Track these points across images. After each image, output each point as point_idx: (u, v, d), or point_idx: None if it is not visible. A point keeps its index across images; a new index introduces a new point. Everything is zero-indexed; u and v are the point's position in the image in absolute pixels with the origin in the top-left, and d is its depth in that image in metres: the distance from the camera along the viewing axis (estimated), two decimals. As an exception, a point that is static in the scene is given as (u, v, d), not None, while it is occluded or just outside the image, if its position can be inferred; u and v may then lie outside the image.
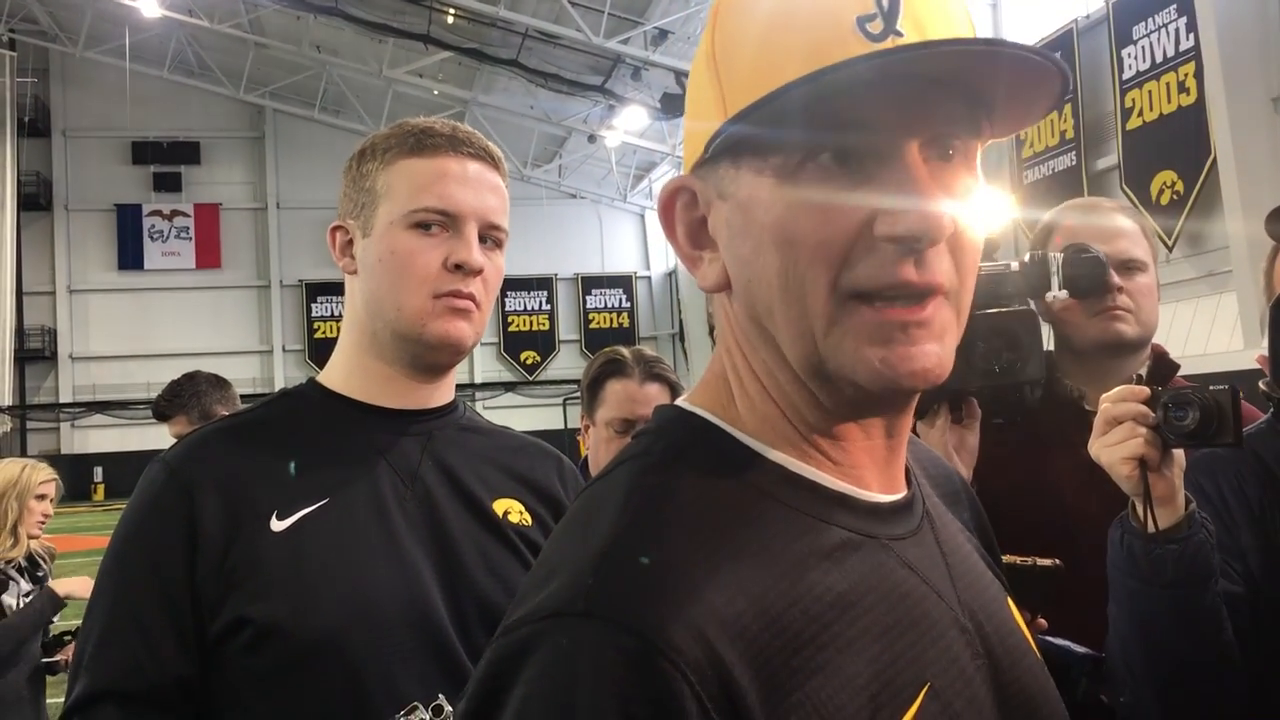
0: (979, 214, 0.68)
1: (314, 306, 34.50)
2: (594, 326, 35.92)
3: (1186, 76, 14.07)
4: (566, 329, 35.86)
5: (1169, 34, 14.39)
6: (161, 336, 32.69)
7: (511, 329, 35.15)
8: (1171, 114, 14.36)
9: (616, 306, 36.40)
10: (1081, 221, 1.79)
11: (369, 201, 1.26)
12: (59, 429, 32.53)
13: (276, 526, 1.16)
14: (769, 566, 0.63)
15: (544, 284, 35.29)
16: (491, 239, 1.28)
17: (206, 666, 1.14)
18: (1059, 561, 1.36)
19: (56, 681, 3.50)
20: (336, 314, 31.89)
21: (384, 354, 1.28)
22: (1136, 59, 14.98)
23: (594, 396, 2.17)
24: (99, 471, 30.83)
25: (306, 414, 1.30)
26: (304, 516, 1.18)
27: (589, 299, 36.27)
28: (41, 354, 32.79)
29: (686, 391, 0.78)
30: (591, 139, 29.05)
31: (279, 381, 31.92)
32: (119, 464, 29.17)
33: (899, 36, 0.63)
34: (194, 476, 1.18)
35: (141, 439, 26.47)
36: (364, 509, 1.22)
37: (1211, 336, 13.36)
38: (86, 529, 17.19)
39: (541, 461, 1.44)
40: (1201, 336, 13.50)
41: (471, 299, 1.25)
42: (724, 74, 0.67)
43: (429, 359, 1.28)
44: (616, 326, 35.69)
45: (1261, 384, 1.56)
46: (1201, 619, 1.27)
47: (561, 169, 34.18)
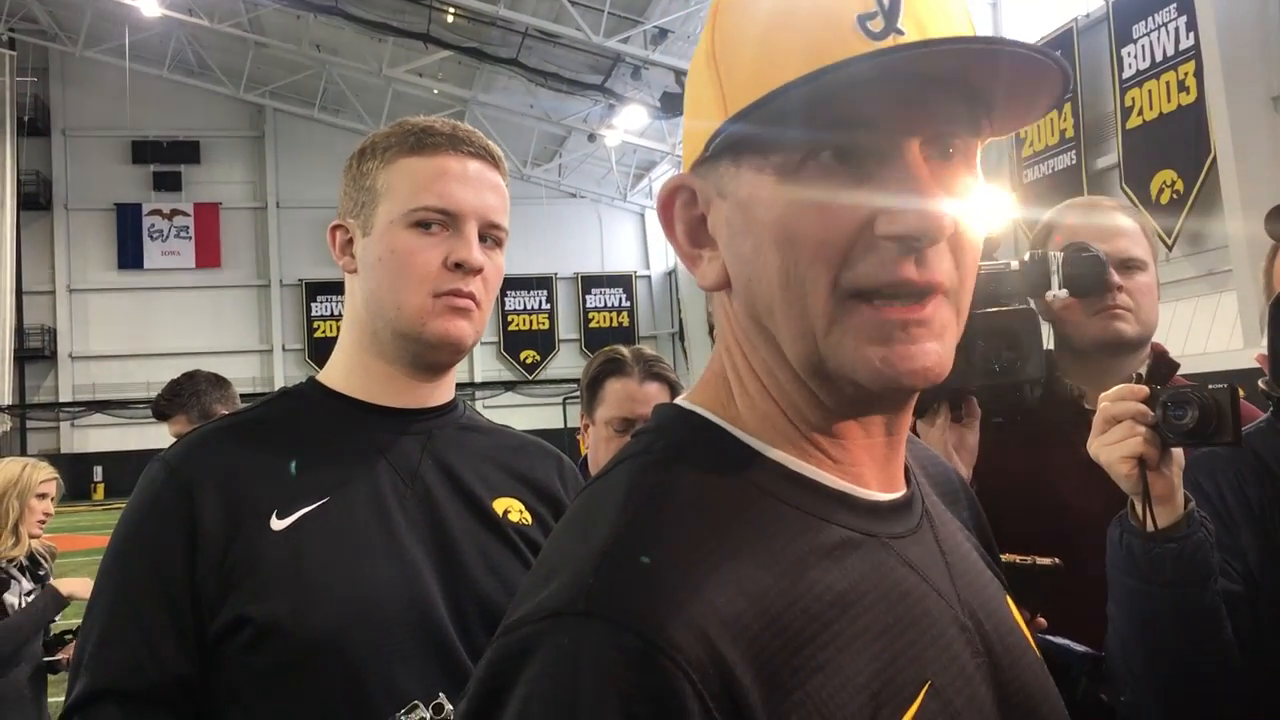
0: (979, 213, 0.68)
1: (314, 306, 34.47)
2: (594, 326, 35.89)
3: (1186, 75, 14.06)
4: (566, 328, 35.84)
5: (1169, 33, 14.38)
6: (161, 336, 32.66)
7: (511, 328, 35.13)
8: (1171, 113, 14.36)
9: (616, 306, 36.38)
10: (1081, 220, 1.80)
11: (369, 200, 1.26)
12: (59, 428, 32.49)
13: (276, 525, 1.16)
14: (769, 565, 0.63)
15: (544, 283, 35.26)
16: (491, 238, 1.28)
17: (207, 665, 1.14)
18: (1059, 560, 1.36)
19: (58, 680, 3.50)
20: (336, 313, 31.88)
21: (384, 353, 1.28)
22: (1136, 58, 14.97)
23: (593, 395, 2.17)
24: (99, 471, 30.83)
25: (306, 413, 1.30)
26: (304, 515, 1.18)
27: (589, 298, 36.25)
28: (41, 353, 32.78)
29: (686, 390, 0.78)
30: (591, 138, 29.03)
31: (279, 381, 31.90)
32: (119, 463, 29.16)
33: (900, 35, 0.63)
34: (194, 476, 1.18)
35: (141, 438, 26.47)
36: (364, 508, 1.21)
37: (1211, 335, 13.36)
38: (86, 528, 17.20)
39: (542, 460, 1.44)
40: (1201, 335, 13.49)
41: (471, 298, 1.25)
42: (724, 73, 0.67)
43: (429, 358, 1.28)
44: (616, 326, 35.66)
45: (1261, 383, 1.56)
46: (1201, 618, 1.27)
47: (561, 168, 34.15)
